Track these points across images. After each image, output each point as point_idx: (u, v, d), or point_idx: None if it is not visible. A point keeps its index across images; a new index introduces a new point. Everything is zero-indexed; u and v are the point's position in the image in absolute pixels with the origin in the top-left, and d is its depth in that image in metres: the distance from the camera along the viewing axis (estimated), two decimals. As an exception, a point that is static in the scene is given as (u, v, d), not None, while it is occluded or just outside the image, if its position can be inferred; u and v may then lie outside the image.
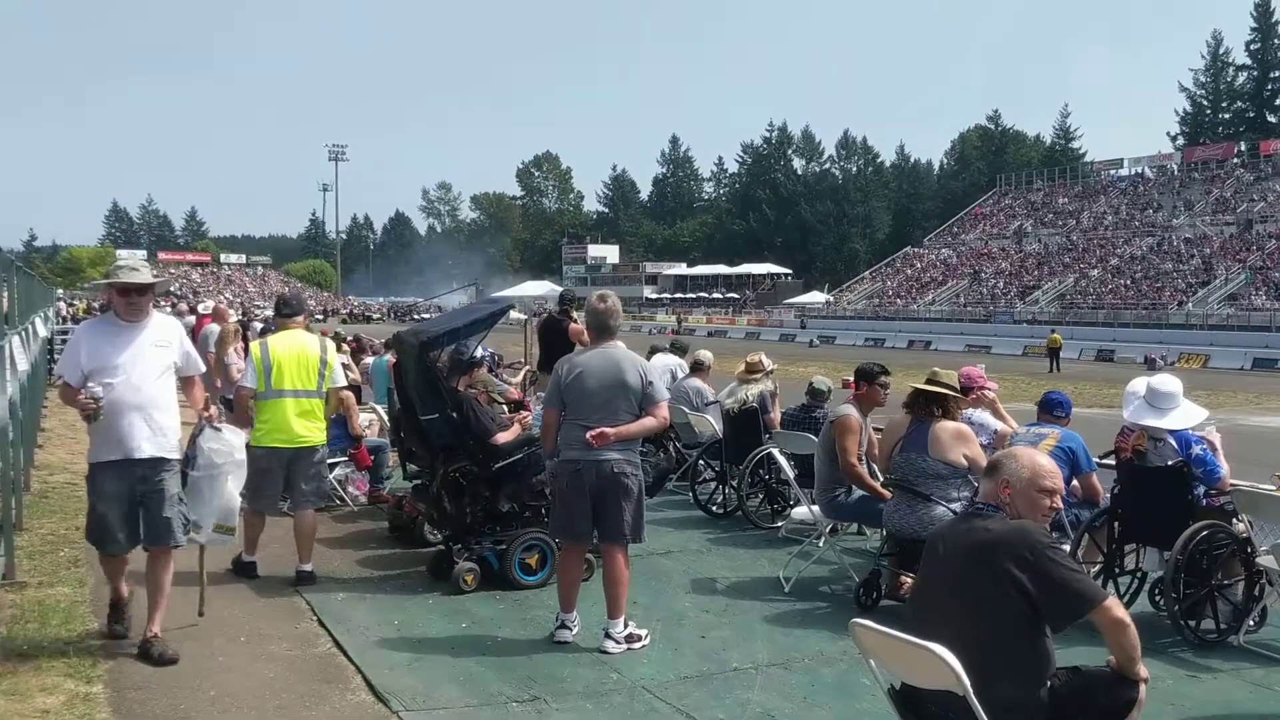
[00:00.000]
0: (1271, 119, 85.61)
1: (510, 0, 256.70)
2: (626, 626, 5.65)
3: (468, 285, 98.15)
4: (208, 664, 5.28)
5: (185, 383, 5.64)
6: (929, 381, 6.39)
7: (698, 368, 10.77)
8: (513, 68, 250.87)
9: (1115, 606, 3.32)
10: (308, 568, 6.85)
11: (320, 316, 78.90)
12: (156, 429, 5.24)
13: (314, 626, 6.06)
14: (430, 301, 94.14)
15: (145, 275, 5.39)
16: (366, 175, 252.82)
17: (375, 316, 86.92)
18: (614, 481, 5.57)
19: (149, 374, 5.25)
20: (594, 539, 5.81)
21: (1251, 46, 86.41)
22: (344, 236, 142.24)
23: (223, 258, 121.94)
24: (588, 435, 5.50)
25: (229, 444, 5.59)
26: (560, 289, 28.90)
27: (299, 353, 6.88)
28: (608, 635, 5.60)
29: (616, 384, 5.59)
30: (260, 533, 7.06)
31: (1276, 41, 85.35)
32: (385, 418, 9.85)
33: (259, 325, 16.44)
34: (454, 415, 6.70)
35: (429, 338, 6.82)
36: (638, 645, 5.63)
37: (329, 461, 9.32)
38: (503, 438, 6.87)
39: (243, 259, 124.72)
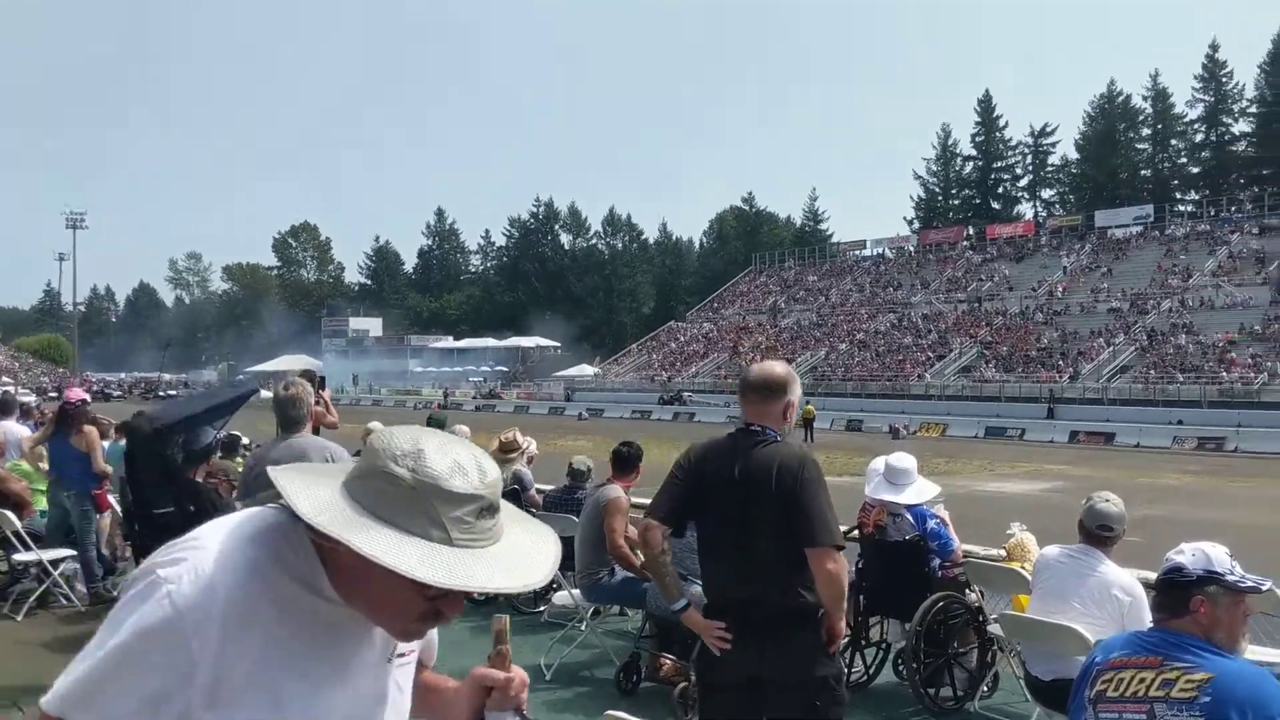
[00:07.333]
0: (995, 205, 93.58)
1: (259, 65, 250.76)
2: None
3: (219, 364, 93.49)
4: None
5: None
6: None
7: None
8: (269, 133, 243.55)
9: None
10: None
11: (54, 394, 73.08)
12: None
13: (26, 745, 5.48)
14: (178, 377, 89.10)
15: None
16: (108, 244, 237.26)
17: (116, 394, 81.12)
18: None
19: None
20: None
21: (976, 139, 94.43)
22: (82, 309, 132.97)
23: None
24: None
25: None
26: (318, 363, 27.89)
27: None
28: None
29: None
30: None
31: (998, 135, 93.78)
32: (118, 508, 9.13)
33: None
34: (191, 509, 6.25)
35: (163, 424, 6.34)
36: None
37: (56, 558, 8.67)
38: (246, 531, 6.46)
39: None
